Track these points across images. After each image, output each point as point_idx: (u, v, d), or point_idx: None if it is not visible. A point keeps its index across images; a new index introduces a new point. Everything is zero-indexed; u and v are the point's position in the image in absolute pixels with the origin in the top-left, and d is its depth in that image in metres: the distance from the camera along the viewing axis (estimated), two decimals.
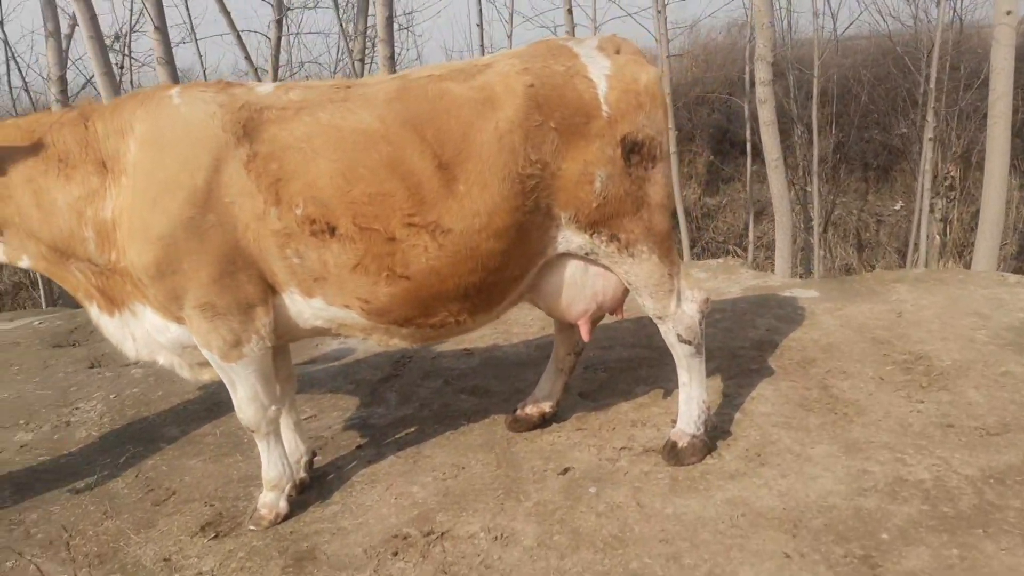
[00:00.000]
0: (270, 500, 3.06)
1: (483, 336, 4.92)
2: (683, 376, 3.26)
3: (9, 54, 10.68)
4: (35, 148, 2.69)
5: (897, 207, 15.87)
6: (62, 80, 10.35)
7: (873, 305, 4.89)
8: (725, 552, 2.68)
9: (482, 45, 10.33)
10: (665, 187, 2.98)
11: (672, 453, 3.23)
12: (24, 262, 2.91)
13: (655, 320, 3.18)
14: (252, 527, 3.02)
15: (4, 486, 3.49)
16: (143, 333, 2.93)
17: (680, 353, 3.20)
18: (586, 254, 2.97)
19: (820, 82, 11.49)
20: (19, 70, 11.09)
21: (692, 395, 3.26)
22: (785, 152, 16.19)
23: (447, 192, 2.68)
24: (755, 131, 10.31)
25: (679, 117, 18.63)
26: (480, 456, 3.42)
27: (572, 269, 3.03)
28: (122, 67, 10.29)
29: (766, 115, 6.74)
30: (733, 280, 5.74)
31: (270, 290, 2.82)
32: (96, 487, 3.43)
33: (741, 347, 4.41)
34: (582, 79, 2.81)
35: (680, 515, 2.90)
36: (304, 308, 2.85)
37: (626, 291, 3.14)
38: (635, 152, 2.85)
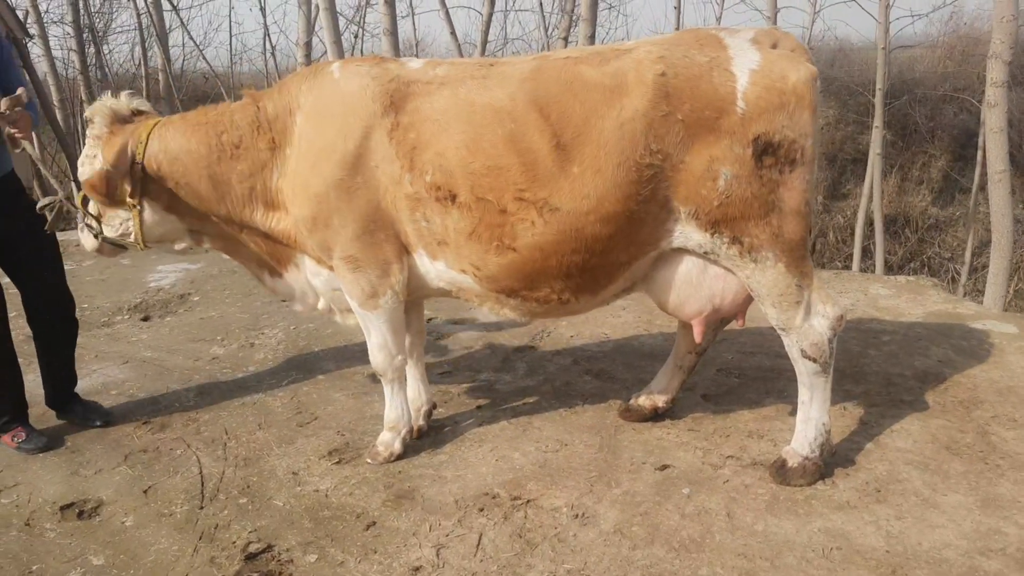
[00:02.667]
0: (387, 439, 3.39)
1: (625, 323, 4.94)
2: (804, 394, 3.09)
3: (264, 21, 12.23)
4: (208, 139, 3.09)
5: None
6: (308, 45, 11.69)
7: None
8: None
9: (677, 29, 10.03)
10: (803, 193, 2.81)
11: (780, 471, 3.09)
12: (206, 245, 3.44)
13: (778, 331, 3.04)
14: (369, 460, 3.36)
15: (192, 389, 4.18)
16: (303, 284, 3.35)
17: (803, 370, 3.03)
18: (705, 253, 2.90)
19: None
20: (268, 37, 12.69)
21: (811, 415, 3.07)
22: None
23: (560, 172, 2.75)
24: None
25: (918, 115, 16.77)
26: (585, 437, 3.50)
27: (689, 266, 2.97)
28: (356, 36, 11.42)
29: (995, 121, 5.90)
30: (918, 302, 5.19)
31: (404, 250, 3.09)
32: (258, 402, 4.00)
33: (901, 375, 4.03)
34: (722, 72, 2.72)
35: (769, 534, 2.79)
36: (430, 269, 3.09)
37: (749, 297, 3.02)
38: (769, 153, 2.72)
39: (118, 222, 3.28)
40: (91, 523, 3.01)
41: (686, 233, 2.87)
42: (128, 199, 3.17)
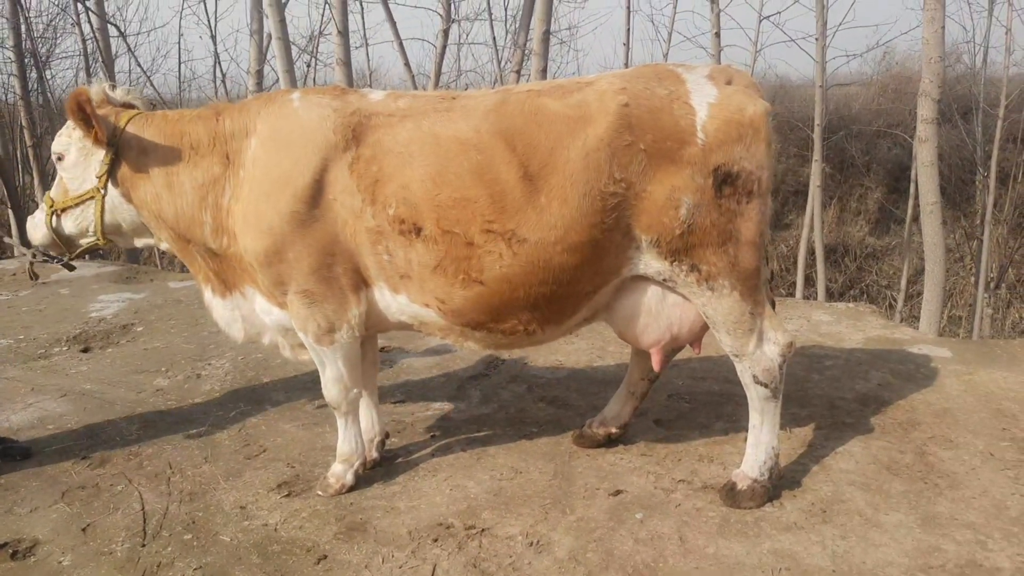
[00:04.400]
0: (339, 471, 3.33)
1: (579, 350, 4.99)
2: (755, 419, 3.16)
3: (215, 49, 12.13)
4: (174, 137, 3.11)
5: None
6: (259, 74, 11.62)
7: (1011, 374, 4.41)
8: None
9: (626, 65, 10.34)
10: (759, 224, 2.89)
11: (730, 494, 3.14)
12: (164, 244, 3.36)
13: (731, 358, 3.11)
14: (320, 492, 3.30)
15: (135, 422, 4.05)
16: (250, 313, 3.28)
17: (754, 395, 3.11)
18: (664, 280, 2.94)
19: (1006, 125, 10.35)
20: (219, 64, 12.57)
21: (761, 439, 3.14)
22: (963, 198, 14.75)
23: (528, 203, 2.78)
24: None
25: (852, 149, 17.54)
26: (540, 464, 3.51)
27: (649, 296, 3.02)
28: (309, 65, 11.41)
29: (926, 155, 6.21)
30: (857, 327, 5.38)
31: (363, 284, 3.06)
32: (204, 435, 3.89)
33: (842, 398, 4.16)
34: (682, 104, 2.80)
35: (720, 556, 2.83)
36: (391, 303, 3.06)
37: (705, 325, 3.08)
38: (728, 184, 2.80)
39: (79, 210, 3.23)
40: (26, 563, 2.87)
41: (646, 261, 2.91)
42: (97, 177, 3.15)
